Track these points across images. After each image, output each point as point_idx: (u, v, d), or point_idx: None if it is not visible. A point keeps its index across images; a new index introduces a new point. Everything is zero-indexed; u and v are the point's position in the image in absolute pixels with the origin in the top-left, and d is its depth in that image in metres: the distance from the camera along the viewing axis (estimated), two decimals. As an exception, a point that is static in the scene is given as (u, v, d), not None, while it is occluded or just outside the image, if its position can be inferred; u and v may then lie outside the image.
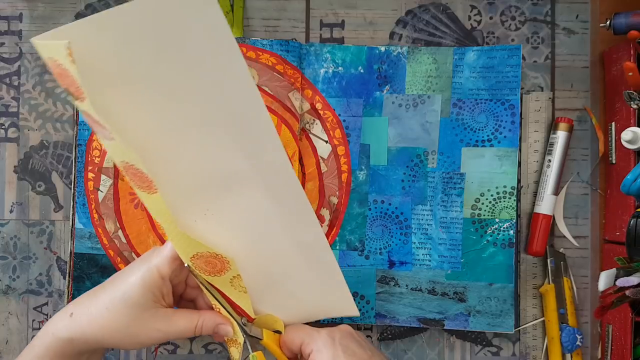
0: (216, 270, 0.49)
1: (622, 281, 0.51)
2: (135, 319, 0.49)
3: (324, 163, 0.61)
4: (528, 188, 0.62)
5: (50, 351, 0.48)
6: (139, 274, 0.49)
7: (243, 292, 0.51)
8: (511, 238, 0.59)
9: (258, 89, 0.51)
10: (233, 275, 0.50)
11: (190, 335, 0.51)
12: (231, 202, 0.47)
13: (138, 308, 0.49)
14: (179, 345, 0.61)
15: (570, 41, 0.62)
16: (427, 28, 0.62)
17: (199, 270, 0.50)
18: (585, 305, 0.62)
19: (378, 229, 0.60)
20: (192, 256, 0.48)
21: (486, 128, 0.60)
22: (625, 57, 0.57)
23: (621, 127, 0.57)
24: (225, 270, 0.49)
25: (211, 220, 0.48)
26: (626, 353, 0.55)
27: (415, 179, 0.60)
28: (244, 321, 0.52)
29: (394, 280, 0.60)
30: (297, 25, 0.62)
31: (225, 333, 0.51)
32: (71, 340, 0.48)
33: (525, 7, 0.62)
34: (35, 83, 0.61)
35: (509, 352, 0.61)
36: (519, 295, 0.61)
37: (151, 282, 0.49)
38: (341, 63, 0.61)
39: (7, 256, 0.61)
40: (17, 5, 0.62)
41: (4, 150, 0.61)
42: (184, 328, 0.50)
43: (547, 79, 0.62)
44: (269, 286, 0.52)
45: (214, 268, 0.49)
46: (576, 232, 0.62)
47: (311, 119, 0.61)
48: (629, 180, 0.51)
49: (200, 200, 0.47)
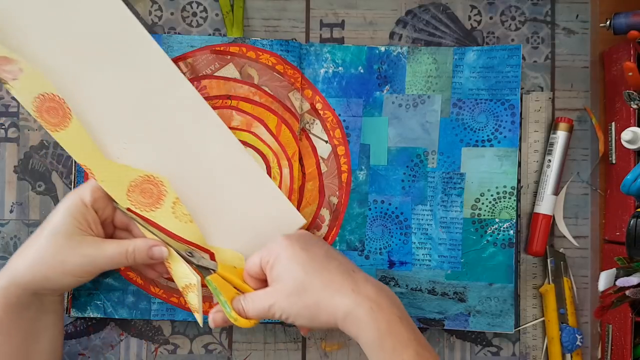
0: (154, 199, 0.50)
1: (622, 281, 0.51)
2: (62, 246, 0.49)
3: (324, 163, 0.61)
4: (528, 188, 0.62)
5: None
6: (63, 204, 0.50)
7: (189, 222, 0.52)
8: (511, 238, 0.59)
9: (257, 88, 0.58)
10: (173, 201, 0.50)
11: (123, 262, 0.50)
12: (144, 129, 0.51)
13: (63, 236, 0.49)
14: (179, 346, 0.61)
15: (570, 41, 0.62)
16: (427, 28, 0.62)
17: (139, 207, 0.50)
18: (585, 305, 0.62)
19: (378, 229, 0.60)
20: (127, 190, 0.49)
21: (486, 128, 0.60)
22: (625, 57, 0.57)
23: (621, 127, 0.57)
24: (163, 196, 0.50)
25: (132, 152, 0.50)
26: (626, 353, 0.55)
27: (415, 179, 0.60)
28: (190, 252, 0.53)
29: (394, 280, 0.60)
30: (297, 25, 0.62)
31: (160, 254, 0.51)
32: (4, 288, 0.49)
33: (525, 7, 0.62)
34: (35, 83, 0.61)
35: (509, 352, 0.61)
36: (519, 295, 0.61)
37: (74, 210, 0.50)
38: (341, 63, 0.61)
39: (7, 256, 0.61)
40: (17, 5, 0.62)
41: (4, 150, 0.61)
42: (113, 253, 0.50)
43: (547, 79, 0.62)
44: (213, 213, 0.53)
45: (151, 197, 0.50)
46: (576, 232, 0.62)
47: (311, 119, 0.61)
48: (629, 180, 0.51)
49: (116, 135, 0.50)
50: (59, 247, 0.50)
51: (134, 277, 0.59)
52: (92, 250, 0.50)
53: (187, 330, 0.61)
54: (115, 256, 0.50)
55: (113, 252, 0.50)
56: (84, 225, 0.50)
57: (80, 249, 0.50)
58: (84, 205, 0.50)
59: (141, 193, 0.50)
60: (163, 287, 0.59)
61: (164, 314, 0.59)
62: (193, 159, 0.53)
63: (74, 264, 0.50)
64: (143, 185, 0.50)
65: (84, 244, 0.50)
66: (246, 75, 0.60)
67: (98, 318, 0.60)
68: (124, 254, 0.50)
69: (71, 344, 0.61)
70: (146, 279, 0.59)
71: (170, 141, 0.53)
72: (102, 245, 0.51)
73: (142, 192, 0.50)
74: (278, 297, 0.48)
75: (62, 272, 0.50)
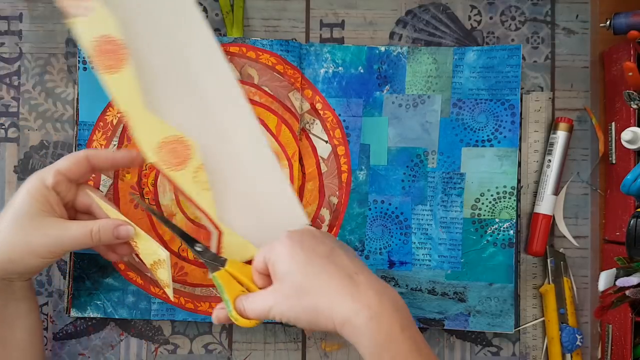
0: (180, 160, 0.52)
1: (622, 281, 0.51)
2: (25, 227, 0.49)
3: (324, 163, 0.61)
4: (528, 188, 0.62)
5: None
6: (25, 186, 0.50)
7: (206, 190, 0.53)
8: (511, 238, 0.59)
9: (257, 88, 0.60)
10: (197, 166, 0.53)
11: (88, 242, 0.50)
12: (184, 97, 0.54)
13: (26, 216, 0.49)
14: (179, 345, 0.61)
15: (570, 41, 0.62)
16: (427, 28, 0.62)
17: (164, 164, 0.52)
18: (585, 305, 0.62)
19: (378, 229, 0.60)
20: (158, 145, 0.52)
21: (486, 128, 0.60)
22: (625, 57, 0.57)
23: (621, 127, 0.57)
24: (189, 160, 0.52)
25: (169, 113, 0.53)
26: (626, 353, 0.55)
27: (415, 179, 0.60)
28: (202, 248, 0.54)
29: (394, 280, 0.60)
30: (297, 25, 0.62)
31: (127, 232, 0.51)
32: None
33: (525, 7, 0.62)
34: (35, 83, 0.61)
35: (509, 352, 0.61)
36: (519, 295, 0.61)
37: (35, 191, 0.50)
38: (341, 63, 0.61)
39: (7, 256, 0.61)
40: (17, 5, 0.62)
41: (4, 150, 0.61)
42: (77, 233, 0.50)
43: (547, 79, 0.62)
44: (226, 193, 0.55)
45: (178, 157, 0.51)
46: (576, 232, 0.62)
47: (311, 119, 0.61)
48: (629, 180, 0.51)
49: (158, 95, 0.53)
50: (22, 228, 0.49)
51: (134, 277, 0.59)
52: (56, 230, 0.50)
53: (187, 330, 0.61)
54: (79, 236, 0.50)
55: (77, 231, 0.50)
56: (46, 207, 0.50)
57: (44, 229, 0.49)
58: (45, 187, 0.50)
59: (170, 151, 0.52)
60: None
61: (164, 314, 0.59)
62: (220, 138, 0.56)
63: (38, 244, 0.49)
64: (173, 144, 0.52)
65: (47, 224, 0.50)
66: (246, 75, 0.60)
67: (98, 318, 0.60)
68: (88, 234, 0.50)
69: (71, 344, 0.61)
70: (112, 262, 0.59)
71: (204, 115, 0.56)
72: (66, 225, 0.50)
73: (170, 151, 0.52)
74: (277, 299, 0.47)
75: (27, 253, 0.49)
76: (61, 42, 0.62)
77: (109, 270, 0.59)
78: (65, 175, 0.51)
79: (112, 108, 0.60)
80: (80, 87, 0.60)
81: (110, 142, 0.60)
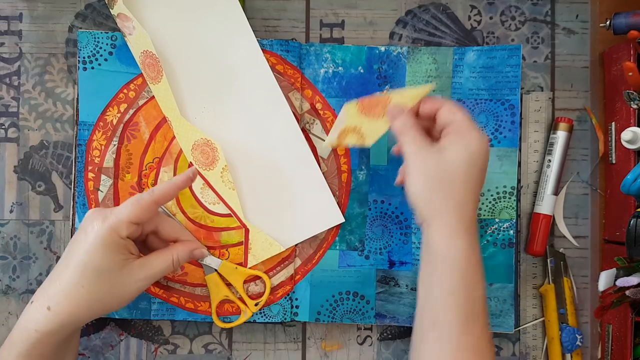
0: (210, 161, 0.58)
1: (622, 281, 0.51)
2: (115, 281, 0.49)
3: (324, 163, 0.61)
4: (528, 188, 0.62)
5: (35, 348, 0.48)
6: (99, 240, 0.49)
7: (231, 189, 0.59)
8: (511, 238, 0.59)
9: None
10: (222, 167, 0.58)
11: (171, 270, 0.53)
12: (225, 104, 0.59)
13: (112, 272, 0.49)
14: (179, 345, 0.61)
15: (570, 41, 0.62)
16: (427, 28, 0.62)
17: (198, 164, 0.58)
18: (585, 305, 0.62)
19: (378, 229, 0.60)
20: (192, 147, 0.58)
21: (486, 128, 0.60)
22: (625, 57, 0.57)
23: (621, 127, 0.57)
24: (216, 161, 0.58)
25: (208, 115, 0.59)
26: (626, 353, 0.55)
27: (415, 179, 0.60)
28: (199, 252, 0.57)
29: (394, 280, 0.60)
30: (297, 25, 0.62)
31: (202, 255, 0.56)
32: (56, 332, 0.48)
33: (525, 7, 0.62)
34: (35, 83, 0.61)
35: (509, 352, 0.61)
36: (519, 295, 0.61)
37: (113, 246, 0.49)
38: (341, 63, 0.61)
39: (7, 256, 0.61)
40: (17, 5, 0.62)
41: (4, 150, 0.61)
42: (162, 267, 0.52)
43: (547, 79, 0.62)
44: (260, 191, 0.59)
45: (207, 158, 0.58)
46: (576, 232, 0.62)
47: (311, 119, 0.61)
48: (629, 180, 0.51)
49: (198, 99, 0.59)
50: (112, 283, 0.49)
51: (134, 277, 0.59)
52: (143, 273, 0.51)
53: (187, 330, 0.61)
54: (164, 269, 0.52)
55: (161, 266, 0.52)
56: (126, 254, 0.50)
57: (133, 276, 0.50)
58: (121, 239, 0.50)
59: (201, 153, 0.58)
60: (163, 287, 0.59)
61: (164, 314, 0.59)
62: (257, 137, 0.59)
63: (131, 291, 0.50)
64: (203, 147, 0.58)
65: (134, 270, 0.50)
66: (246, 75, 0.60)
67: (98, 318, 0.60)
68: (170, 265, 0.52)
69: (71, 344, 0.61)
70: None
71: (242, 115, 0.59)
72: (149, 263, 0.51)
73: (201, 153, 0.58)
74: None
75: (120, 302, 0.51)
76: (61, 42, 0.62)
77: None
78: (137, 224, 0.50)
79: (112, 108, 0.60)
80: (80, 87, 0.60)
81: (110, 142, 0.60)
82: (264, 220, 0.59)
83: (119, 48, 0.60)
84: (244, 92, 0.59)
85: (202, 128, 0.59)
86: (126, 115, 0.60)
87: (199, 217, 0.59)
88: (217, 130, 0.59)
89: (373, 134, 0.54)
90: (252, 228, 0.59)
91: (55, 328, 0.48)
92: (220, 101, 0.59)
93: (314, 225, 0.59)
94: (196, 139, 0.58)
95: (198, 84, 0.59)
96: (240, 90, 0.59)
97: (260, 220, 0.59)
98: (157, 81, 0.58)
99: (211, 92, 0.59)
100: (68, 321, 0.49)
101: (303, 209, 0.59)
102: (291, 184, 0.59)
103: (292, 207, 0.59)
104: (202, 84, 0.59)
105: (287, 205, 0.59)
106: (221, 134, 0.59)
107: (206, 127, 0.59)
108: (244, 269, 0.59)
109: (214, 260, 0.58)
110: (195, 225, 0.59)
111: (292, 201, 0.59)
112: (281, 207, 0.59)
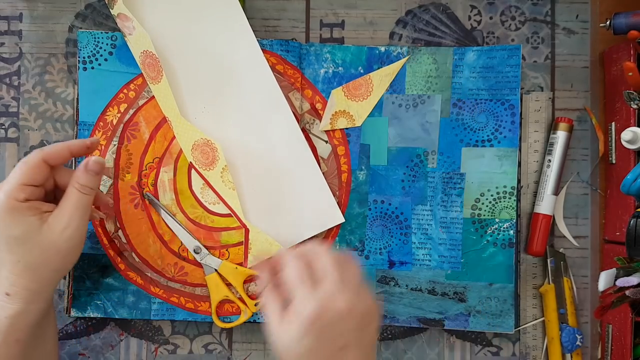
0: (209, 161, 0.58)
1: (622, 281, 0.51)
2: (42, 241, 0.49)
3: (324, 163, 0.61)
4: (528, 188, 0.62)
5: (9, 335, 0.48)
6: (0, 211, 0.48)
7: (232, 189, 0.59)
8: (511, 238, 0.59)
9: None
10: (222, 167, 0.58)
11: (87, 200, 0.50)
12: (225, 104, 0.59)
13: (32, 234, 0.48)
14: (179, 345, 0.61)
15: (570, 41, 0.62)
16: (427, 28, 0.62)
17: (198, 164, 0.58)
18: (585, 305, 0.62)
19: (378, 229, 0.60)
20: (192, 147, 0.58)
21: (486, 128, 0.60)
22: (625, 57, 0.57)
23: (621, 127, 0.57)
24: (216, 161, 0.58)
25: (208, 115, 0.59)
26: (626, 353, 0.55)
27: (415, 179, 0.60)
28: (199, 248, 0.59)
29: (394, 280, 0.60)
30: (297, 25, 0.62)
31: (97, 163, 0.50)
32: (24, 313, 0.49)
33: (525, 7, 0.62)
34: (35, 83, 0.61)
35: (509, 352, 0.61)
36: (519, 295, 0.61)
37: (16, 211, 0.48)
38: (341, 63, 0.61)
39: (7, 256, 0.61)
40: (17, 5, 0.62)
41: (4, 150, 0.61)
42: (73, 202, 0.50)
43: (547, 79, 0.62)
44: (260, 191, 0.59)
45: (207, 158, 0.58)
46: (576, 232, 0.62)
47: (311, 119, 0.61)
48: (629, 180, 0.51)
49: (198, 99, 0.59)
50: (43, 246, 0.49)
51: (134, 277, 0.59)
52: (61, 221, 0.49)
53: (187, 330, 0.61)
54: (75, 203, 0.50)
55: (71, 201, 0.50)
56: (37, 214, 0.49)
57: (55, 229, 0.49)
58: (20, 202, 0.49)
59: (201, 153, 0.58)
60: (163, 287, 0.59)
61: (164, 314, 0.59)
62: (257, 137, 0.60)
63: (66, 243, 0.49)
64: (203, 147, 0.58)
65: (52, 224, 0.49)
66: (246, 75, 0.60)
67: (98, 318, 0.60)
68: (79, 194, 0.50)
69: (71, 344, 0.61)
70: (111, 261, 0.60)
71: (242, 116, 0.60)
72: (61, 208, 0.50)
73: (201, 153, 0.58)
74: None
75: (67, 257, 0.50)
76: (61, 42, 0.62)
77: (109, 270, 0.59)
78: (31, 185, 0.49)
79: (112, 108, 0.60)
80: (80, 87, 0.60)
81: (110, 142, 0.60)
82: (264, 220, 0.59)
83: (119, 48, 0.60)
84: (244, 92, 0.59)
85: (202, 128, 0.59)
86: (126, 115, 0.60)
87: (199, 217, 0.59)
88: (217, 130, 0.59)
89: (361, 114, 0.60)
90: (252, 228, 0.59)
91: (21, 308, 0.48)
92: (220, 101, 0.59)
93: (314, 225, 0.59)
94: (196, 139, 0.58)
95: (198, 84, 0.59)
96: (241, 90, 0.59)
97: (260, 220, 0.59)
98: (157, 81, 0.58)
99: (211, 92, 0.59)
100: (30, 298, 0.49)
101: (303, 209, 0.59)
102: (291, 184, 0.59)
103: (292, 207, 0.59)
104: (202, 84, 0.59)
105: (287, 205, 0.59)
106: (221, 134, 0.59)
107: (206, 127, 0.59)
108: (244, 269, 0.59)
109: (214, 260, 0.59)
110: (195, 225, 0.59)
111: (292, 201, 0.59)
112: (281, 207, 0.59)
